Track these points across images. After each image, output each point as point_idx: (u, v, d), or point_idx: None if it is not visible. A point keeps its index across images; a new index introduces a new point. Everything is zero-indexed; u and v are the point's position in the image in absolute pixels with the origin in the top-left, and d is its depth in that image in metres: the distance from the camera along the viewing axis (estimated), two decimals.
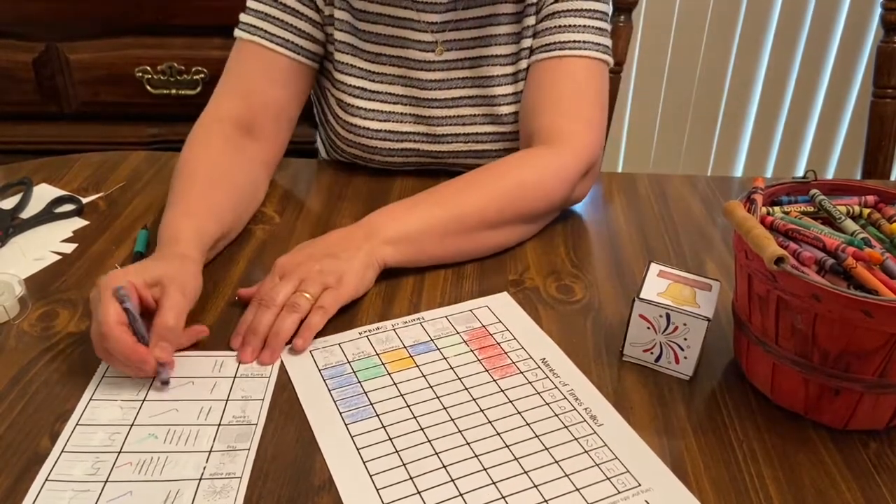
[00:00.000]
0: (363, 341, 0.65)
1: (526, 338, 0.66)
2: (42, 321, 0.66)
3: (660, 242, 0.81)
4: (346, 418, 0.56)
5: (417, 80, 0.87)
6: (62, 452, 0.52)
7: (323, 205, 0.87)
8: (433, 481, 0.51)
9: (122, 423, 0.55)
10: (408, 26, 0.85)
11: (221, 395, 0.58)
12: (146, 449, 0.53)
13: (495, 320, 0.68)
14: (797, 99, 1.89)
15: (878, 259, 0.53)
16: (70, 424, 0.55)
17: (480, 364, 0.63)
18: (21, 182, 0.85)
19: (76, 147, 1.20)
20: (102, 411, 0.56)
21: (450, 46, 0.86)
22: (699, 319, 0.59)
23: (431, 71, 0.87)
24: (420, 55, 0.86)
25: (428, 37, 0.86)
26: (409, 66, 0.87)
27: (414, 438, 0.55)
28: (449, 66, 0.87)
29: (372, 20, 0.85)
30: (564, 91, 0.83)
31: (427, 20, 0.85)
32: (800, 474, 0.54)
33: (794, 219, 0.60)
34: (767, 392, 0.59)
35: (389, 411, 0.57)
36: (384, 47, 0.86)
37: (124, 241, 0.77)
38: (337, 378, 0.60)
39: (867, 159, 1.19)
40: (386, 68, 0.87)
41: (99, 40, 1.42)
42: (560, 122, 0.81)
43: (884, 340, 0.51)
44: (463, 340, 0.65)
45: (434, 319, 0.68)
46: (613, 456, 0.54)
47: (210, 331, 0.64)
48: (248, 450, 0.53)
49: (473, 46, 0.87)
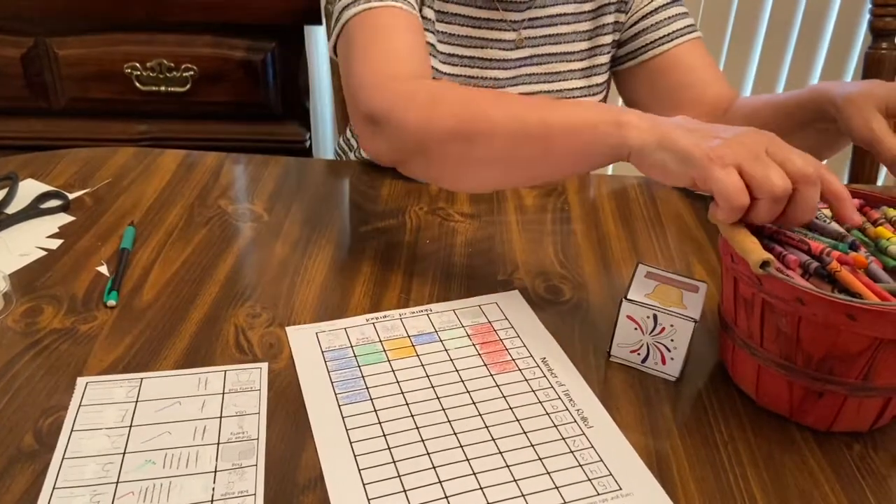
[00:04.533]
0: (369, 328, 0.66)
1: (529, 337, 0.66)
2: (27, 317, 0.65)
3: (648, 244, 0.81)
4: (340, 399, 0.58)
5: (493, 79, 0.90)
6: (53, 489, 0.49)
7: (311, 202, 0.86)
8: (416, 467, 0.52)
9: (114, 452, 0.53)
10: (487, 26, 0.88)
11: (213, 412, 0.56)
12: (146, 476, 0.51)
13: (502, 317, 0.68)
14: None
15: (862, 263, 0.54)
16: (56, 458, 0.52)
17: (480, 358, 0.63)
18: (7, 177, 0.85)
19: (64, 143, 1.19)
20: (88, 442, 0.53)
21: (526, 44, 0.91)
22: (686, 321, 0.59)
23: (507, 70, 0.90)
24: (499, 53, 0.89)
25: (510, 35, 0.89)
26: (484, 66, 0.89)
27: (403, 424, 0.56)
28: (523, 62, 0.91)
29: (449, 20, 0.87)
30: (712, 63, 0.95)
31: (511, 18, 0.88)
32: (784, 475, 0.54)
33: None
34: (752, 394, 0.60)
35: (383, 396, 0.58)
36: (460, 48, 0.89)
37: (110, 238, 0.77)
38: (338, 360, 0.62)
39: (854, 164, 1.20)
40: (459, 69, 0.90)
41: (88, 36, 1.41)
42: (727, 87, 0.92)
43: (867, 344, 0.51)
44: (467, 334, 0.66)
45: (442, 312, 0.69)
46: (598, 458, 0.54)
47: (189, 346, 0.63)
48: (256, 465, 0.52)
49: (545, 44, 0.91)
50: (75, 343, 0.63)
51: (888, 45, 1.13)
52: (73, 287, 0.69)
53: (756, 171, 0.52)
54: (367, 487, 0.51)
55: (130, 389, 0.58)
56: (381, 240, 0.79)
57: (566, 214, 0.87)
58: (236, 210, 0.84)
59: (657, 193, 0.93)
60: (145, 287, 0.70)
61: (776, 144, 0.54)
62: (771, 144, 0.54)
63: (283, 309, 0.68)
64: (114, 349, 0.62)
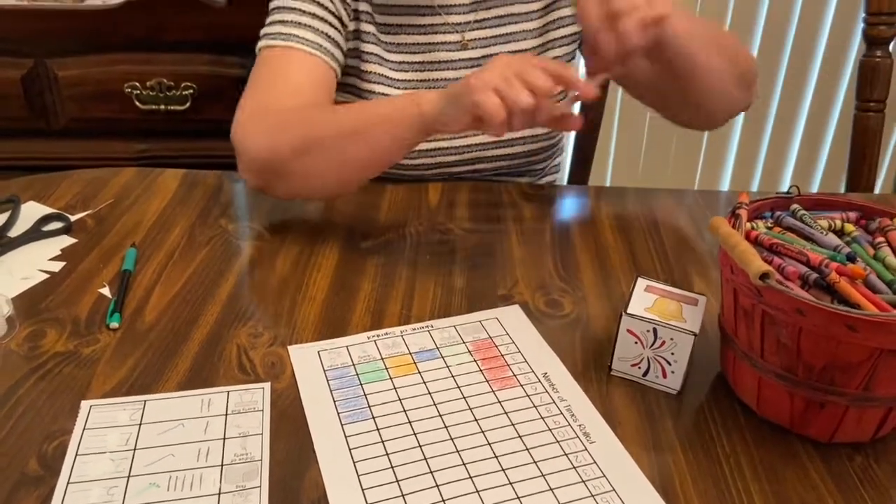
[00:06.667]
0: (370, 345, 0.66)
1: (530, 352, 0.66)
2: (29, 340, 0.66)
3: (647, 257, 0.82)
4: (342, 419, 0.58)
5: (444, 80, 0.92)
6: None
7: (311, 219, 0.87)
8: (419, 485, 0.52)
9: (118, 476, 0.53)
10: (432, 31, 0.91)
11: (217, 434, 0.56)
12: (151, 500, 0.51)
13: (502, 332, 0.69)
14: (782, 113, 1.91)
15: (860, 274, 0.54)
16: (61, 484, 0.52)
17: (482, 374, 0.63)
18: (9, 200, 0.85)
19: (65, 163, 1.20)
20: (92, 466, 0.53)
21: (475, 45, 0.92)
22: (686, 334, 0.59)
23: (457, 70, 0.93)
24: (446, 55, 0.92)
25: (455, 37, 0.92)
26: (434, 69, 0.92)
27: (406, 443, 0.56)
28: (473, 63, 0.93)
29: (395, 31, 0.90)
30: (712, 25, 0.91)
31: (453, 21, 0.91)
32: (786, 488, 0.54)
33: (778, 234, 0.60)
34: (754, 406, 0.60)
35: (385, 415, 0.59)
36: (409, 55, 0.91)
37: (112, 259, 0.77)
38: (340, 379, 0.62)
39: (851, 173, 1.21)
40: (410, 75, 0.92)
41: (87, 56, 1.42)
42: None
43: (867, 354, 0.51)
44: (468, 350, 0.66)
45: (443, 328, 0.69)
46: (601, 474, 0.54)
47: (192, 367, 0.63)
48: (260, 487, 0.52)
49: (495, 44, 0.93)
50: (78, 366, 0.63)
51: (882, 53, 1.14)
52: (76, 310, 0.70)
53: (505, 91, 0.65)
54: None
55: (134, 412, 0.58)
56: (382, 255, 0.80)
57: (565, 227, 0.87)
58: (237, 229, 0.84)
59: (655, 205, 0.93)
60: (147, 308, 0.70)
61: (521, 65, 0.66)
62: (519, 66, 0.66)
63: (284, 328, 0.68)
64: (117, 371, 0.62)
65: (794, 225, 0.62)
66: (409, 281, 0.76)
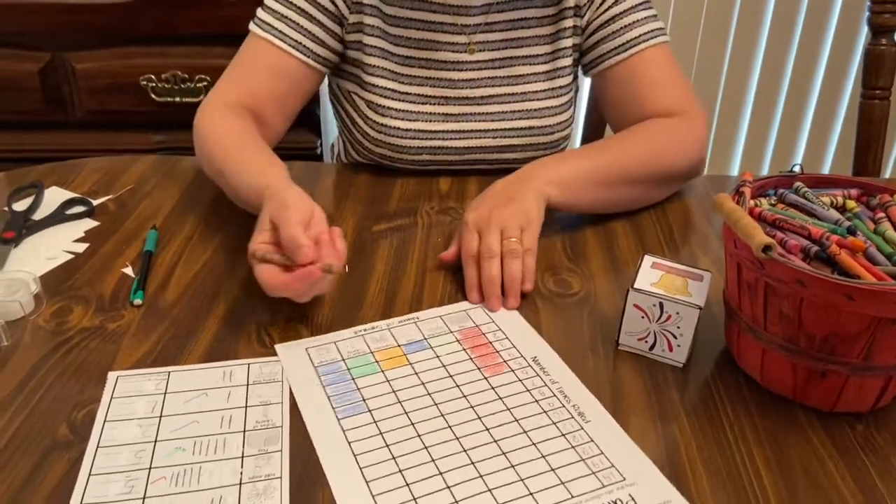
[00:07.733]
0: (359, 340, 0.66)
1: (518, 337, 0.67)
2: (56, 317, 0.68)
3: (654, 239, 0.83)
4: (338, 413, 0.58)
5: (448, 80, 0.92)
6: (90, 476, 0.52)
7: (324, 204, 0.89)
8: (422, 474, 0.53)
9: (146, 441, 0.55)
10: (440, 29, 0.90)
11: (239, 402, 0.59)
12: (177, 462, 0.53)
13: (489, 320, 0.69)
14: (791, 100, 1.92)
15: (860, 247, 0.55)
16: (90, 448, 0.54)
17: (472, 362, 0.64)
18: (32, 185, 0.88)
19: (83, 155, 1.22)
20: (120, 432, 0.56)
21: (482, 48, 0.92)
22: (691, 308, 0.61)
23: (462, 71, 0.92)
24: (452, 56, 0.91)
25: (462, 38, 0.91)
26: (440, 68, 0.91)
27: (405, 433, 0.56)
28: (480, 65, 0.92)
29: (403, 25, 0.90)
30: (659, 77, 0.91)
31: (462, 23, 0.90)
32: (789, 454, 0.56)
33: (780, 210, 0.62)
34: (757, 377, 0.62)
35: (381, 407, 0.59)
36: (415, 50, 0.91)
37: (134, 241, 0.80)
38: (331, 374, 0.62)
39: (857, 160, 1.22)
40: (415, 70, 0.92)
41: (104, 50, 1.45)
42: (671, 103, 0.90)
43: (867, 324, 0.53)
44: (456, 339, 0.67)
45: (428, 319, 0.69)
46: (599, 451, 0.55)
47: (213, 341, 0.66)
48: (281, 451, 0.54)
49: (505, 48, 0.92)
50: (104, 340, 0.65)
51: (887, 42, 1.15)
52: (101, 288, 0.72)
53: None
54: (377, 499, 0.51)
55: (159, 382, 0.60)
56: (393, 239, 0.82)
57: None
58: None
59: None
60: (169, 287, 0.73)
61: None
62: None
63: (301, 305, 0.70)
64: (141, 345, 0.65)
65: (797, 201, 0.63)
66: (420, 263, 0.78)
